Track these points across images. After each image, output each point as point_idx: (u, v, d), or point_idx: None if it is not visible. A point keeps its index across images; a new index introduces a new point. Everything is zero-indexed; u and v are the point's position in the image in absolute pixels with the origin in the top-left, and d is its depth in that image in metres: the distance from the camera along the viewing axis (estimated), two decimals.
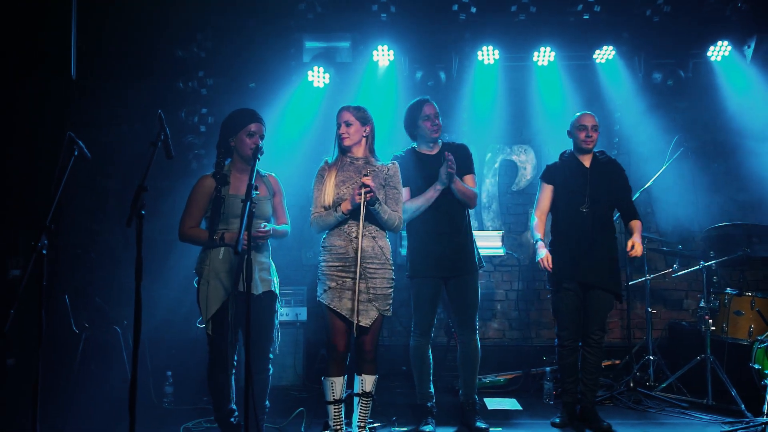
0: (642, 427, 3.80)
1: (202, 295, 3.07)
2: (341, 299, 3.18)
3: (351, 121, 3.32)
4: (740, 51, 5.13)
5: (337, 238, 3.26)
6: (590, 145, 3.85)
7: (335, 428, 3.26)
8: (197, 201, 3.15)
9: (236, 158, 3.23)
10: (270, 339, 3.20)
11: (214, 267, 3.07)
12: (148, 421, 3.91)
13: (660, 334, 5.40)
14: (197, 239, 3.14)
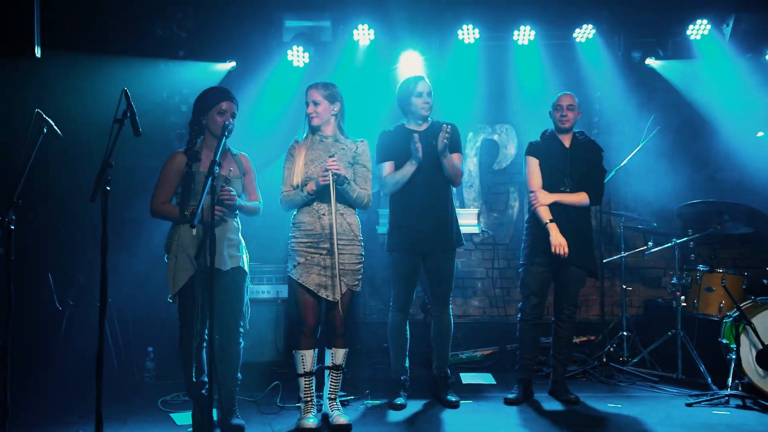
0: (610, 400, 3.87)
1: (170, 270, 3.13)
2: (309, 274, 3.25)
3: (318, 100, 3.36)
4: (719, 30, 5.14)
5: (306, 215, 3.32)
6: (566, 124, 3.87)
7: (305, 400, 3.34)
8: (168, 177, 3.20)
9: (208, 136, 3.26)
10: (239, 314, 3.27)
11: (183, 242, 3.12)
12: (129, 395, 4.01)
13: (636, 311, 5.49)
14: (168, 215, 3.19)
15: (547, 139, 3.98)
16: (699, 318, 4.44)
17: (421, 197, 3.71)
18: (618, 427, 3.36)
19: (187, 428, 3.31)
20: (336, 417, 3.33)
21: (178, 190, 3.20)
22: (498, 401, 3.86)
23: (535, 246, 3.85)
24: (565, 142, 3.92)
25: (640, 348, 4.73)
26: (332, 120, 3.41)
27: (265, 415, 3.61)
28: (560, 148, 3.91)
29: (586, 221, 3.91)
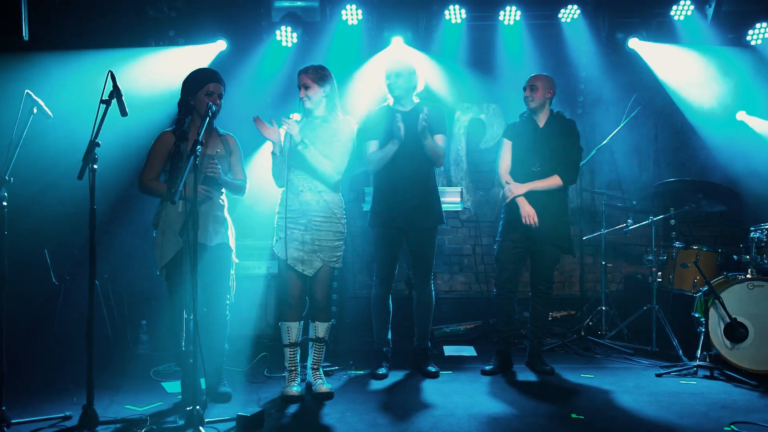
0: (584, 371, 4.03)
1: (157, 245, 3.26)
2: (288, 249, 3.39)
3: (309, 83, 3.46)
4: (702, 11, 5.19)
5: (288, 191, 3.44)
6: (531, 103, 3.96)
7: (290, 369, 3.50)
8: (156, 154, 3.31)
9: (195, 116, 3.36)
10: (225, 287, 3.41)
11: (169, 219, 3.24)
12: (123, 365, 4.17)
13: (617, 287, 5.64)
14: (156, 191, 3.31)
15: (524, 119, 4.08)
16: (674, 293, 4.58)
17: (403, 175, 3.82)
18: (588, 395, 3.52)
19: (177, 395, 3.47)
20: (318, 386, 3.48)
21: (166, 168, 3.31)
22: (476, 372, 4.00)
23: (510, 223, 3.97)
24: (539, 122, 4.01)
25: (617, 322, 4.89)
26: (324, 101, 3.52)
27: (252, 383, 3.76)
28: (534, 128, 4.00)
29: (559, 201, 4.00)
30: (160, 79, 4.94)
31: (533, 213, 3.81)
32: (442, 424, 3.01)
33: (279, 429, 2.93)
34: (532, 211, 3.81)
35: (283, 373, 3.63)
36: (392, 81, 3.86)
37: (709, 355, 3.96)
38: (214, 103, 3.18)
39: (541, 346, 4.17)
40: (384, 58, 5.19)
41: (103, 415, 3.01)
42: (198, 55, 5.23)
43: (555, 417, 3.13)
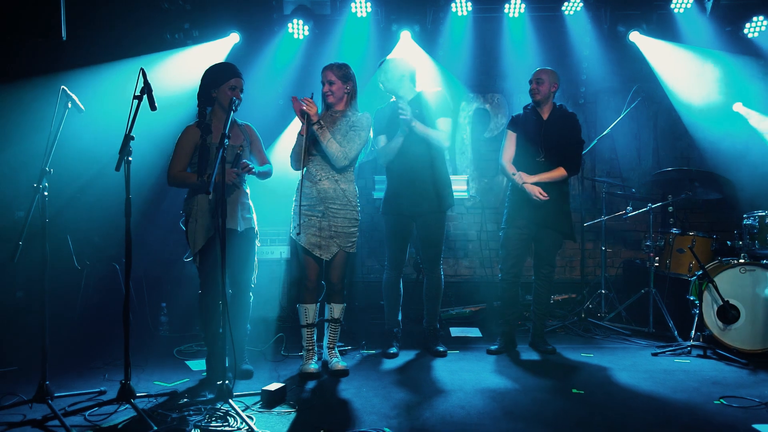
0: (584, 351, 4.25)
1: (191, 232, 3.43)
2: (306, 235, 3.60)
3: (333, 79, 3.66)
4: (701, 4, 5.35)
5: (306, 180, 3.65)
6: (536, 96, 4.13)
7: (308, 348, 3.72)
8: (183, 148, 3.47)
9: (217, 108, 3.54)
10: (251, 269, 3.62)
11: (202, 207, 3.42)
12: (146, 347, 4.38)
13: (617, 271, 5.85)
14: (185, 182, 3.46)
15: (528, 112, 4.25)
16: (671, 277, 4.79)
17: (409, 163, 4.01)
18: (587, 372, 3.74)
19: (201, 373, 3.69)
20: (335, 363, 3.71)
21: (192, 161, 3.49)
22: (482, 352, 4.22)
23: (515, 211, 4.17)
24: (543, 115, 4.18)
25: (616, 305, 5.11)
26: (345, 97, 3.72)
27: (271, 362, 3.98)
28: (537, 120, 4.17)
29: (561, 188, 4.18)
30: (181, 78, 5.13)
31: (540, 189, 4.00)
32: (451, 397, 3.23)
33: (301, 402, 3.14)
34: (538, 188, 4.00)
35: (299, 353, 3.86)
36: (380, 78, 4.06)
37: (702, 335, 4.18)
38: (237, 98, 3.35)
39: (544, 327, 4.37)
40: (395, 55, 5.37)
41: (136, 389, 3.22)
42: (214, 50, 5.41)
43: (557, 391, 3.34)
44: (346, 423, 2.84)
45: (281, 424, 2.84)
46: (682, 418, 2.92)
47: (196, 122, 3.51)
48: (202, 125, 3.43)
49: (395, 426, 2.80)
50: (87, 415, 2.93)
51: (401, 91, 4.05)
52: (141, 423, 2.76)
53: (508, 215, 4.22)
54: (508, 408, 3.07)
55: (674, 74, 5.60)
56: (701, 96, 5.56)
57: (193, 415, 2.87)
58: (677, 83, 5.62)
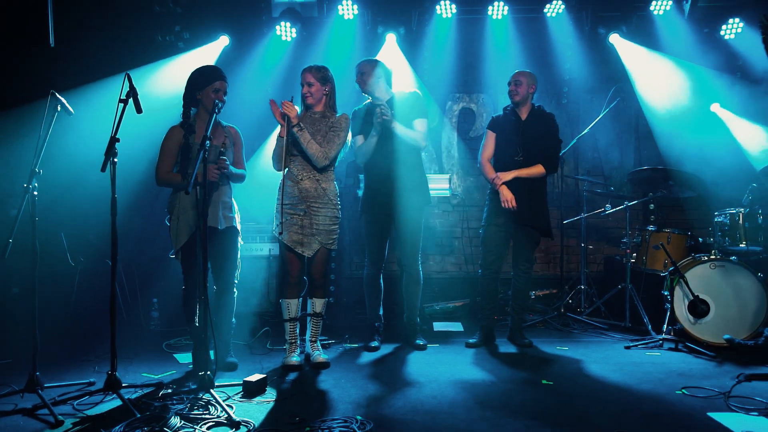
0: (560, 344, 4.39)
1: (173, 230, 3.57)
2: (288, 233, 3.74)
3: (312, 81, 3.80)
4: (680, 6, 5.48)
5: (288, 179, 3.78)
6: (514, 97, 4.26)
7: (290, 341, 3.86)
8: (169, 149, 3.59)
9: (201, 110, 3.66)
10: (234, 266, 3.75)
11: (183, 205, 3.55)
12: (136, 341, 4.54)
13: (598, 267, 5.99)
14: (173, 182, 3.58)
15: (507, 113, 4.38)
16: (647, 273, 4.92)
17: (385, 163, 4.14)
18: (559, 365, 3.87)
19: (188, 365, 3.83)
20: (316, 356, 3.85)
21: (178, 160, 3.61)
22: (462, 345, 4.36)
23: (494, 209, 4.31)
24: (522, 115, 4.31)
25: (595, 300, 5.24)
26: (324, 99, 3.86)
27: (255, 355, 4.13)
28: (516, 120, 4.30)
29: (539, 186, 4.31)
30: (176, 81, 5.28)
31: (512, 197, 4.13)
32: (425, 388, 3.37)
33: (280, 393, 3.28)
34: (511, 195, 4.14)
35: (283, 346, 4.00)
36: (357, 80, 4.19)
37: (674, 329, 4.32)
38: (220, 101, 3.48)
39: (522, 321, 4.51)
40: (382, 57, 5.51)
41: (124, 381, 3.36)
42: (204, 55, 5.56)
43: (527, 383, 3.48)
44: (322, 412, 2.98)
45: (260, 413, 2.98)
46: (642, 406, 3.05)
47: (180, 123, 3.62)
48: (185, 125, 3.56)
49: (367, 414, 2.93)
50: (75, 404, 3.08)
51: (377, 92, 4.18)
52: (125, 412, 2.90)
53: (488, 213, 4.36)
54: (479, 398, 3.21)
55: (647, 79, 5.74)
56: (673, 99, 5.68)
57: (176, 404, 3.01)
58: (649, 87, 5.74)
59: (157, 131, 4.00)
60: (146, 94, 4.07)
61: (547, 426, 2.79)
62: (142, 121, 3.34)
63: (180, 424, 2.71)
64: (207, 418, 2.81)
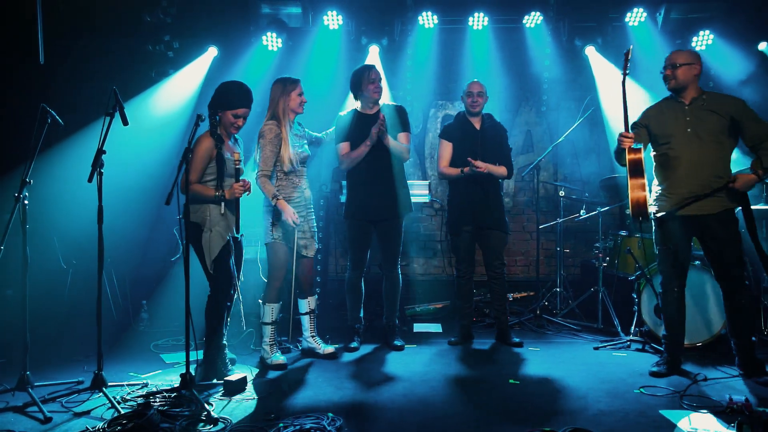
0: (533, 345, 4.56)
1: (205, 242, 3.64)
2: (297, 238, 4.02)
3: None
4: (653, 18, 5.66)
5: (293, 190, 4.04)
6: (476, 108, 4.45)
7: (271, 343, 4.06)
8: (201, 158, 3.62)
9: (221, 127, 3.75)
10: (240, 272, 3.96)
11: (214, 217, 3.66)
12: (126, 341, 4.71)
13: (575, 271, 6.17)
14: (201, 194, 3.62)
15: (460, 122, 4.56)
16: (619, 276, 5.10)
17: (371, 171, 4.32)
18: (528, 364, 4.04)
19: (174, 365, 4.01)
20: (324, 349, 4.19)
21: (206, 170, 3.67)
22: (439, 346, 4.54)
23: (457, 217, 4.51)
24: (475, 125, 4.51)
25: (570, 302, 5.43)
26: None
27: (241, 356, 4.27)
28: (472, 130, 4.50)
29: (496, 190, 4.54)
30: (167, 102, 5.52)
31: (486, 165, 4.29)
32: (397, 387, 3.55)
33: (260, 391, 3.46)
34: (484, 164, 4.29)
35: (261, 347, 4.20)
36: (376, 85, 4.29)
37: (641, 331, 4.49)
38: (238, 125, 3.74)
39: (507, 321, 4.68)
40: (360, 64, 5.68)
41: (111, 380, 3.55)
42: (195, 70, 5.76)
43: (495, 382, 3.66)
44: (296, 409, 3.16)
45: (238, 410, 3.15)
46: (599, 405, 3.23)
47: (208, 131, 3.69)
48: (215, 135, 3.66)
49: (340, 411, 3.11)
50: (63, 402, 3.26)
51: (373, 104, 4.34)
52: (110, 409, 3.08)
53: (452, 222, 4.55)
54: (447, 396, 3.39)
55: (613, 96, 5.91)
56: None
57: (159, 401, 3.19)
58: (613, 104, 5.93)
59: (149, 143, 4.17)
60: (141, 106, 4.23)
61: (508, 421, 2.98)
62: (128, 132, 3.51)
63: (160, 421, 2.88)
64: (187, 415, 2.98)
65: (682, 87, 3.71)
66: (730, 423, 2.86)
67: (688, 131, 3.66)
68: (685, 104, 3.72)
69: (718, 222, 3.65)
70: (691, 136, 3.65)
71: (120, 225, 5.53)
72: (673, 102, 3.78)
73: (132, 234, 5.63)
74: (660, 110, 3.83)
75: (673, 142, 3.71)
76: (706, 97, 3.70)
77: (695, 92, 3.72)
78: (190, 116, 5.71)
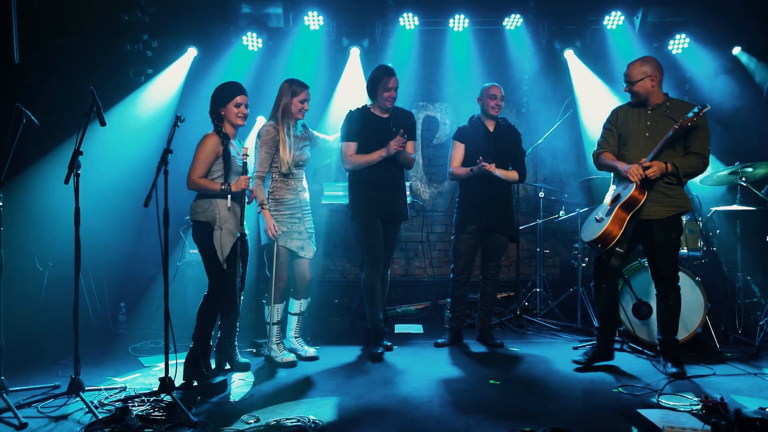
0: (514, 345, 4.60)
1: (216, 240, 3.63)
2: (292, 240, 4.01)
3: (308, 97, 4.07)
4: (631, 21, 5.73)
5: (288, 192, 4.02)
6: (497, 111, 4.47)
7: (278, 342, 4.11)
8: (206, 155, 3.65)
9: (226, 123, 3.79)
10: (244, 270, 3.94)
11: (223, 215, 3.66)
12: (104, 344, 4.66)
13: (555, 271, 6.23)
14: (206, 188, 3.64)
15: (474, 124, 4.57)
16: None
17: (382, 174, 4.19)
18: (509, 365, 4.08)
19: (152, 368, 3.97)
20: (308, 350, 4.19)
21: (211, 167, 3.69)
22: (419, 346, 4.56)
23: (465, 216, 4.50)
24: (489, 127, 4.52)
25: (550, 302, 5.48)
26: None
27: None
28: (485, 132, 4.51)
29: (507, 193, 4.54)
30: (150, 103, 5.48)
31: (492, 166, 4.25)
32: (377, 387, 3.54)
33: (239, 395, 3.44)
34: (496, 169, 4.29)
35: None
36: (392, 94, 4.19)
37: (619, 330, 4.55)
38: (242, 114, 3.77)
39: (491, 322, 4.73)
40: (350, 72, 5.74)
41: (89, 384, 3.50)
42: (176, 71, 5.70)
43: (476, 382, 3.68)
44: (276, 412, 3.14)
45: (218, 414, 3.13)
46: (578, 404, 3.27)
47: (214, 130, 3.75)
48: (221, 133, 3.71)
49: (322, 413, 3.11)
50: (39, 407, 3.20)
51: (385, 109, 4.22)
52: (87, 414, 3.04)
53: (460, 221, 4.54)
54: (429, 398, 3.39)
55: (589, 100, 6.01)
56: None
57: (137, 406, 3.15)
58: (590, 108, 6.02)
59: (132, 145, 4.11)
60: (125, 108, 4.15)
61: (488, 421, 2.99)
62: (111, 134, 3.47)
63: (139, 425, 2.85)
64: (166, 420, 2.95)
65: (645, 99, 3.83)
66: (705, 422, 2.90)
67: (646, 135, 3.80)
68: (647, 110, 3.84)
69: (660, 226, 3.80)
70: (647, 141, 3.78)
71: (101, 227, 5.47)
72: (638, 106, 3.88)
73: (113, 236, 5.56)
74: (626, 112, 3.94)
75: (630, 145, 3.84)
76: (670, 104, 3.82)
77: (659, 99, 3.83)
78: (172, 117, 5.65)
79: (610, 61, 5.89)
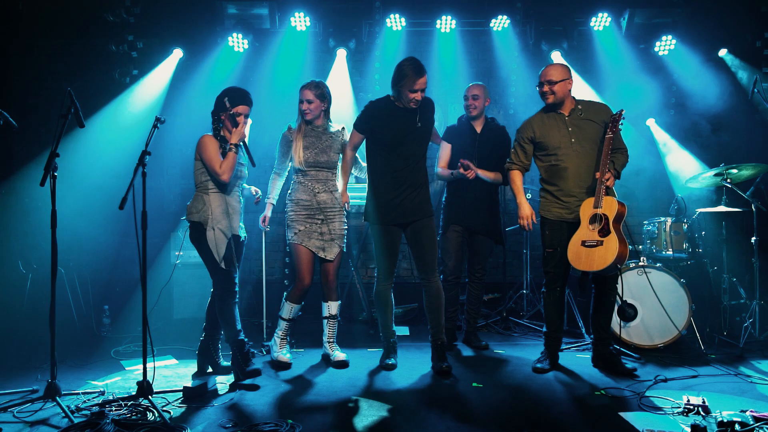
0: (499, 347, 4.59)
1: (210, 240, 3.62)
2: (310, 239, 3.99)
3: (311, 98, 4.00)
4: (618, 23, 5.73)
5: (303, 193, 4.02)
6: (473, 112, 4.45)
7: (282, 337, 4.12)
8: (215, 148, 3.66)
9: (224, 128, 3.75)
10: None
11: (215, 216, 3.65)
12: (87, 346, 4.62)
13: (541, 273, 6.20)
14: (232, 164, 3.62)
15: (462, 124, 4.56)
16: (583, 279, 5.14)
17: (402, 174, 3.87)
18: (493, 367, 4.06)
19: (133, 371, 3.93)
20: (337, 354, 4.12)
21: None
22: (405, 350, 4.54)
23: (452, 216, 4.50)
24: (476, 128, 4.50)
25: (537, 304, 5.46)
26: (322, 114, 4.06)
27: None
28: (471, 133, 4.49)
29: (492, 196, 4.53)
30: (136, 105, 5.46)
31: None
32: (359, 390, 3.52)
33: (219, 399, 3.41)
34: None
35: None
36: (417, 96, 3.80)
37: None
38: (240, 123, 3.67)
39: (476, 324, 4.72)
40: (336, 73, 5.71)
41: (67, 388, 3.47)
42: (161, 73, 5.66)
43: (459, 385, 3.65)
44: (255, 416, 3.11)
45: (196, 418, 3.10)
46: (560, 407, 3.25)
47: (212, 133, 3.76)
48: (218, 137, 3.72)
49: (300, 417, 3.08)
50: (15, 412, 3.16)
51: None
52: (65, 418, 3.00)
53: (446, 219, 4.53)
54: (410, 401, 3.37)
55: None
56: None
57: (115, 410, 3.11)
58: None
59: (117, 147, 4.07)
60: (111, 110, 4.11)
61: (470, 424, 2.97)
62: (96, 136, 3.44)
63: (115, 430, 2.81)
64: (142, 424, 2.92)
65: (560, 102, 3.87)
66: (686, 425, 2.89)
67: (572, 141, 3.84)
68: (565, 116, 3.89)
69: None
70: (575, 146, 3.84)
71: (86, 229, 5.45)
72: (553, 114, 3.94)
73: (98, 238, 5.53)
74: (542, 121, 3.96)
75: (559, 154, 3.88)
76: (582, 107, 3.90)
77: (571, 104, 3.91)
78: None
79: (596, 62, 5.89)
